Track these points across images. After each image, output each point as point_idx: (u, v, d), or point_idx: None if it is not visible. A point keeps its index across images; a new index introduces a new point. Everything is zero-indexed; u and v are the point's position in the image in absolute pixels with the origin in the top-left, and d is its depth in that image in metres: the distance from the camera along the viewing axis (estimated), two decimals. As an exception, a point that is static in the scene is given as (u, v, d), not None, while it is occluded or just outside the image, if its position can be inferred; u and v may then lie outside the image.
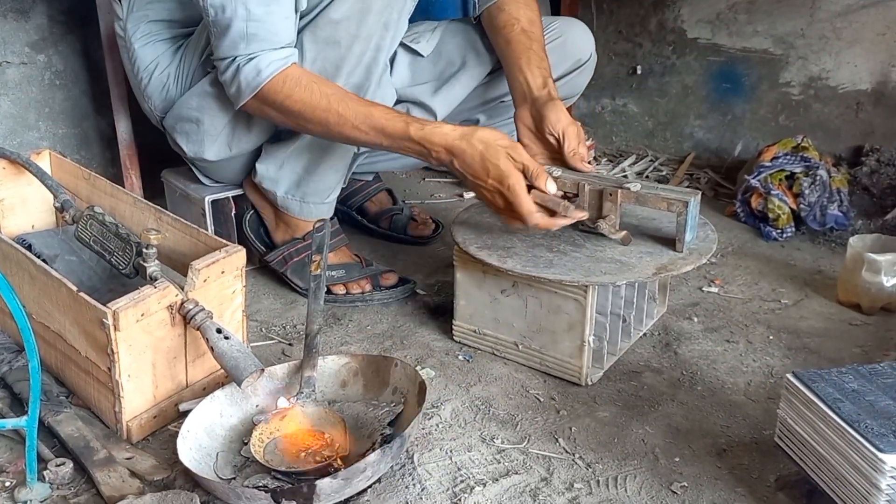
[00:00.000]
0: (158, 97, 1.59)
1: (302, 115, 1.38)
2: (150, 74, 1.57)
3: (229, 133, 1.56)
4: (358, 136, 1.37)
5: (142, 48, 1.57)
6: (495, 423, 1.25)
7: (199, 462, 1.09)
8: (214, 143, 1.57)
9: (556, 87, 1.53)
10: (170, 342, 1.19)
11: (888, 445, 0.93)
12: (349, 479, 1.01)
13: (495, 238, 1.41)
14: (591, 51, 1.76)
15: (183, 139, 1.60)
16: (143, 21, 1.56)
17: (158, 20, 1.57)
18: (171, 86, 1.57)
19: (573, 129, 1.44)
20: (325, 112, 1.36)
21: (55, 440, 1.18)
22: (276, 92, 1.37)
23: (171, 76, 1.56)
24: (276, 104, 1.38)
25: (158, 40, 1.57)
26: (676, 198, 1.32)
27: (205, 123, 1.55)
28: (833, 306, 1.62)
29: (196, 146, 1.59)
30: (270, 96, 1.37)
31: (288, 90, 1.36)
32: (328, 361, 1.26)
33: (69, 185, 1.52)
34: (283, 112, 1.39)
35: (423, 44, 1.67)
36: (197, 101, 1.53)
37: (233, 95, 1.42)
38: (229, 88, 1.41)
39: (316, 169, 1.56)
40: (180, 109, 1.57)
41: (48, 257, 1.43)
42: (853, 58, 2.09)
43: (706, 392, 1.33)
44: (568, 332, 1.33)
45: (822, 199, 1.90)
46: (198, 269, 1.20)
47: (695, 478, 1.13)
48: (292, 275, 1.65)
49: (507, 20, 1.59)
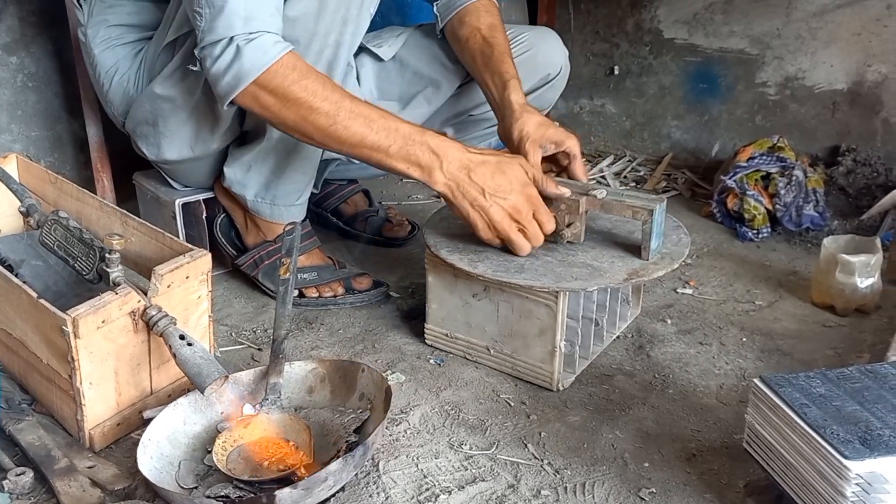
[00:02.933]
0: (119, 101, 1.57)
1: (308, 105, 1.27)
2: (110, 79, 1.56)
3: (190, 134, 1.53)
4: (366, 135, 1.27)
5: (101, 53, 1.55)
6: (464, 429, 1.24)
7: (160, 471, 1.08)
8: (173, 143, 1.55)
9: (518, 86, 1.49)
10: (132, 349, 1.18)
11: (853, 452, 0.92)
12: (310, 488, 1.00)
13: (467, 241, 1.40)
14: (563, 63, 1.72)
15: (142, 142, 1.58)
16: (103, 26, 1.54)
17: (118, 24, 1.55)
18: (130, 89, 1.55)
19: (527, 145, 1.42)
20: (336, 103, 1.27)
21: (16, 449, 1.16)
22: (282, 76, 1.26)
23: (130, 80, 1.54)
24: (279, 90, 1.27)
25: (118, 45, 1.55)
26: (641, 205, 1.30)
27: (160, 125, 1.53)
28: (807, 308, 1.61)
29: (155, 148, 1.57)
30: (275, 81, 1.26)
31: (298, 73, 1.26)
32: (295, 367, 1.25)
33: (36, 188, 1.51)
34: (285, 100, 1.27)
35: (384, 48, 1.65)
36: (149, 104, 1.51)
37: (227, 84, 1.28)
38: (223, 76, 1.28)
39: (284, 171, 1.54)
40: (136, 112, 1.55)
41: (14, 262, 1.41)
42: (829, 58, 2.09)
43: (678, 395, 1.33)
44: (539, 337, 1.32)
45: (797, 199, 1.90)
46: (161, 275, 1.18)
47: (663, 483, 1.12)
48: (263, 278, 1.63)
49: (469, 32, 1.56)
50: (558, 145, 1.44)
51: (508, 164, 1.30)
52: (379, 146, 1.28)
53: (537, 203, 1.31)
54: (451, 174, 1.28)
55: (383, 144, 1.28)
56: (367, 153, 1.29)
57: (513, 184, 1.28)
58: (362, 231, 1.90)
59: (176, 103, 1.48)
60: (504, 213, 1.29)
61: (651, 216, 1.29)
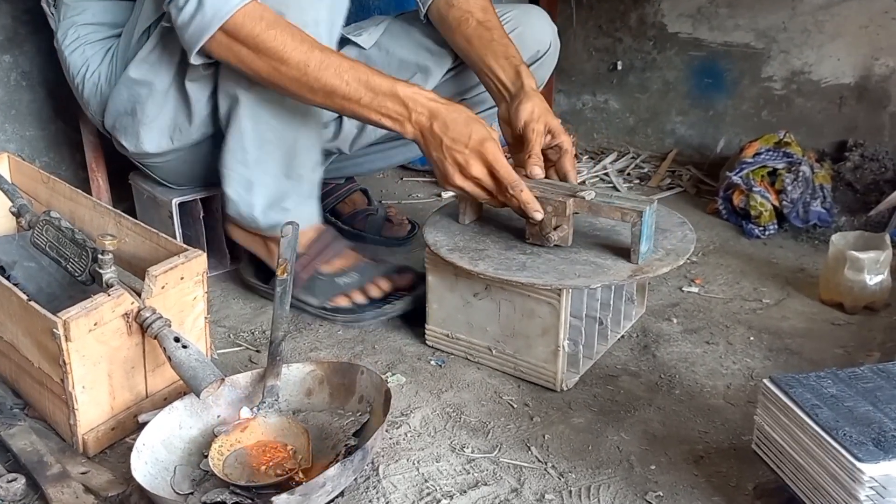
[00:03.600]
0: (94, 100, 1.55)
1: (279, 54, 1.26)
2: (82, 78, 1.54)
3: (168, 123, 1.50)
4: (337, 86, 1.27)
5: (71, 54, 1.54)
6: (466, 432, 1.21)
7: (155, 477, 1.05)
8: (151, 132, 1.51)
9: (529, 72, 1.47)
10: (126, 352, 1.15)
11: (867, 454, 0.89)
12: (308, 493, 0.97)
13: (467, 240, 1.37)
14: (552, 39, 1.67)
15: (122, 135, 1.55)
16: (71, 27, 1.53)
17: (86, 24, 1.53)
18: (103, 84, 1.53)
19: (534, 126, 1.39)
20: (306, 53, 1.26)
21: (8, 454, 1.14)
22: (251, 23, 1.25)
23: (102, 75, 1.52)
24: (249, 38, 1.25)
25: (87, 43, 1.53)
26: (630, 207, 1.26)
27: (137, 113, 1.50)
28: (815, 305, 1.59)
29: (134, 138, 1.53)
30: (245, 28, 1.25)
31: (266, 23, 1.25)
32: (293, 369, 1.22)
33: (28, 188, 1.48)
34: (256, 49, 1.26)
35: (364, 36, 1.60)
36: (126, 90, 1.49)
37: (192, 33, 1.28)
38: (188, 26, 1.27)
39: (286, 173, 1.47)
40: (113, 104, 1.52)
41: (6, 264, 1.39)
42: (836, 51, 2.06)
43: (684, 396, 1.30)
44: (542, 337, 1.29)
45: (804, 195, 1.87)
46: (155, 276, 1.15)
47: (671, 486, 1.10)
48: (304, 294, 1.53)
49: (460, 16, 1.52)
50: (554, 137, 1.42)
51: (477, 120, 1.30)
52: (350, 97, 1.28)
53: (496, 161, 1.28)
54: (419, 124, 1.29)
55: (354, 95, 1.28)
56: (340, 103, 1.29)
57: (471, 138, 1.27)
58: (362, 230, 1.87)
59: (152, 87, 1.46)
60: (460, 171, 1.29)
61: (640, 218, 1.25)
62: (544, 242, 1.32)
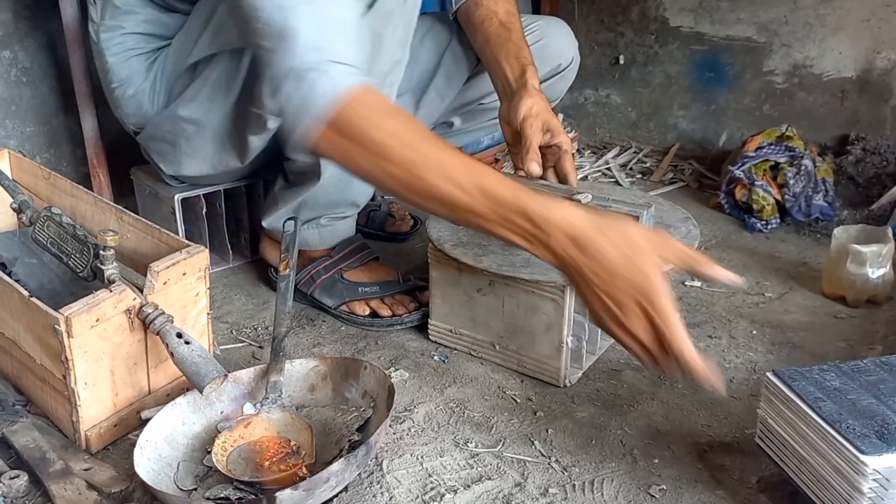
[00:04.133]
0: (134, 114, 1.51)
1: (385, 151, 1.02)
2: (123, 91, 1.49)
3: (212, 153, 1.49)
4: (446, 191, 1.01)
5: (115, 63, 1.47)
6: (470, 427, 1.21)
7: (158, 473, 1.05)
8: (193, 161, 1.51)
9: (535, 72, 1.45)
10: (129, 348, 1.15)
11: (870, 447, 0.89)
12: (312, 489, 0.97)
13: (471, 235, 1.37)
14: (574, 55, 1.68)
15: (159, 158, 1.54)
16: (117, 32, 1.46)
17: (133, 33, 1.46)
18: (145, 103, 1.49)
19: (531, 122, 1.37)
20: (413, 150, 1.02)
21: (10, 451, 1.14)
22: (357, 114, 1.03)
23: (145, 95, 1.48)
24: (355, 132, 1.03)
25: (133, 56, 1.47)
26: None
27: (181, 146, 1.48)
28: (818, 299, 1.58)
29: (174, 166, 1.53)
30: (351, 120, 1.03)
31: (375, 116, 1.04)
32: (296, 365, 1.22)
33: (29, 184, 1.48)
34: (362, 144, 1.03)
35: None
36: (170, 125, 1.46)
37: (294, 122, 1.07)
38: (289, 113, 1.08)
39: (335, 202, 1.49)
40: (154, 130, 1.50)
41: (7, 260, 1.39)
42: (837, 45, 2.05)
43: (687, 390, 1.30)
44: (546, 333, 1.29)
45: (807, 189, 1.87)
46: (157, 272, 1.15)
47: (674, 480, 1.10)
48: (321, 295, 1.52)
49: (485, 15, 1.52)
50: (553, 136, 1.40)
51: (641, 256, 0.96)
52: (470, 208, 1.02)
53: (665, 321, 0.95)
54: (556, 252, 1.00)
55: (475, 207, 1.01)
56: (455, 213, 1.04)
57: (630, 281, 0.95)
58: (364, 226, 1.87)
59: (200, 125, 1.44)
60: (608, 315, 0.99)
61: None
62: None
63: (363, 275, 1.53)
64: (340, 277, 1.51)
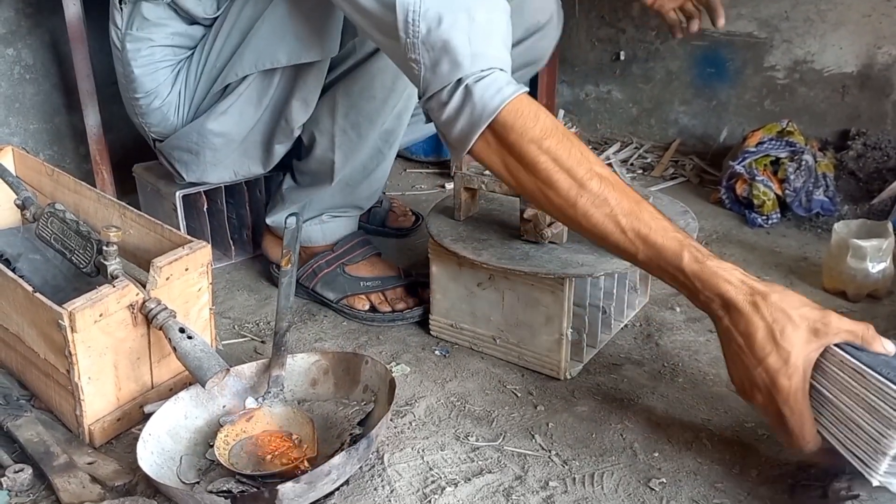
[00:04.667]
0: (158, 125, 1.49)
1: (546, 175, 1.04)
2: (149, 104, 1.47)
3: (236, 162, 1.51)
4: (610, 233, 1.03)
5: (142, 75, 1.44)
6: (470, 420, 1.22)
7: (161, 466, 1.06)
8: (217, 170, 1.53)
9: None
10: (132, 343, 1.16)
11: None
12: (313, 482, 0.98)
13: (471, 230, 1.38)
14: (554, 12, 1.60)
15: (181, 167, 1.54)
16: (146, 45, 1.43)
17: (162, 45, 1.43)
18: (170, 115, 1.47)
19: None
20: (578, 180, 1.03)
21: (15, 445, 1.15)
22: (520, 127, 1.04)
23: (171, 106, 1.47)
24: (517, 140, 1.04)
25: (161, 68, 1.45)
26: None
27: (206, 156, 1.49)
28: (818, 294, 1.59)
29: (197, 174, 1.54)
30: (514, 127, 1.04)
31: (537, 130, 1.04)
32: (298, 359, 1.23)
33: (32, 181, 1.49)
34: (521, 160, 1.05)
35: None
36: (197, 136, 1.46)
37: (461, 131, 1.07)
38: (455, 123, 1.07)
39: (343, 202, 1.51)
40: (179, 141, 1.49)
41: (11, 256, 1.40)
42: (838, 40, 2.05)
43: (687, 384, 1.30)
44: (546, 326, 1.30)
45: (807, 184, 1.87)
46: (159, 267, 1.16)
47: (674, 473, 1.10)
48: (322, 289, 1.53)
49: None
50: None
51: (788, 330, 0.95)
52: (626, 249, 1.03)
53: (787, 408, 0.95)
54: (708, 308, 1.02)
55: (630, 250, 1.03)
56: (614, 250, 1.06)
57: (768, 359, 0.95)
58: (365, 222, 1.87)
59: (229, 138, 1.45)
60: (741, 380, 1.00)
61: None
62: (539, 240, 1.32)
63: (365, 270, 1.54)
64: (342, 272, 1.52)
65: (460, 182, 1.40)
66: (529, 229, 1.32)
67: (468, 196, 1.41)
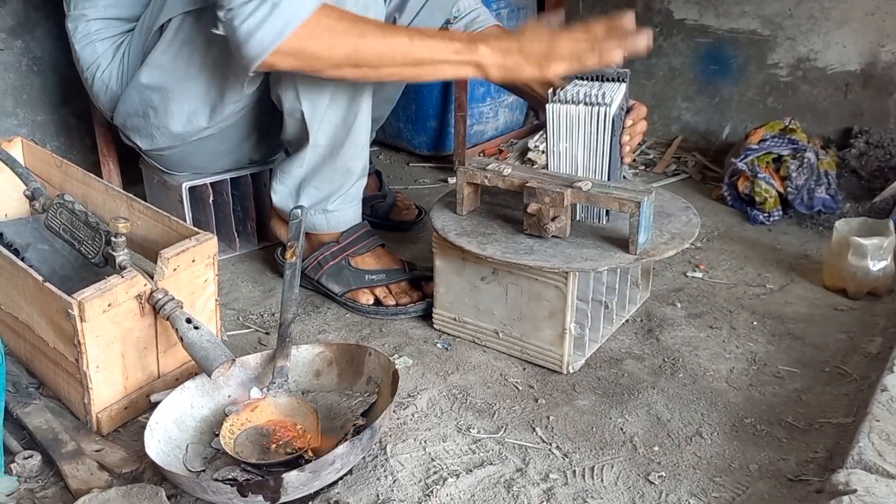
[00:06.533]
0: (104, 98, 1.55)
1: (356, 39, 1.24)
2: (92, 76, 1.54)
3: (183, 123, 1.51)
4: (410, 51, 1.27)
5: (82, 49, 1.53)
6: (472, 413, 1.23)
7: (167, 454, 1.07)
8: (165, 132, 1.53)
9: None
10: (139, 332, 1.17)
11: None
12: (317, 471, 0.99)
13: (475, 225, 1.39)
14: None
15: (134, 134, 1.57)
16: (81, 21, 1.51)
17: (96, 19, 1.51)
18: (113, 84, 1.53)
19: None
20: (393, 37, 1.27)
21: (24, 432, 1.16)
22: (325, 24, 1.22)
23: (112, 75, 1.52)
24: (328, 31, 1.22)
25: (97, 40, 1.52)
26: (628, 198, 1.25)
27: (150, 116, 1.51)
28: (819, 291, 1.60)
29: (148, 139, 1.56)
30: (318, 33, 1.22)
31: (345, 23, 1.23)
32: (302, 351, 1.24)
33: (41, 172, 1.50)
34: (331, 43, 1.23)
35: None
36: (137, 95, 1.49)
37: (260, 41, 1.21)
38: (255, 33, 1.20)
39: (338, 176, 1.49)
40: (124, 106, 1.53)
41: (20, 246, 1.41)
42: (842, 38, 2.06)
43: (687, 379, 1.32)
44: (549, 320, 1.31)
45: (809, 181, 1.88)
46: (167, 258, 1.17)
47: (673, 467, 1.12)
48: (327, 280, 1.54)
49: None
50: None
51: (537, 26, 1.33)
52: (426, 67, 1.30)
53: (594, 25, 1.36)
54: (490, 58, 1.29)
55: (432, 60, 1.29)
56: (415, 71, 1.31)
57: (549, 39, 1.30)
58: (369, 216, 1.88)
59: (165, 91, 1.47)
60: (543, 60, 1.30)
61: (638, 209, 1.24)
62: (542, 233, 1.32)
63: (370, 261, 1.55)
64: (347, 264, 1.53)
65: (463, 177, 1.41)
66: (533, 224, 1.33)
67: (471, 191, 1.42)
